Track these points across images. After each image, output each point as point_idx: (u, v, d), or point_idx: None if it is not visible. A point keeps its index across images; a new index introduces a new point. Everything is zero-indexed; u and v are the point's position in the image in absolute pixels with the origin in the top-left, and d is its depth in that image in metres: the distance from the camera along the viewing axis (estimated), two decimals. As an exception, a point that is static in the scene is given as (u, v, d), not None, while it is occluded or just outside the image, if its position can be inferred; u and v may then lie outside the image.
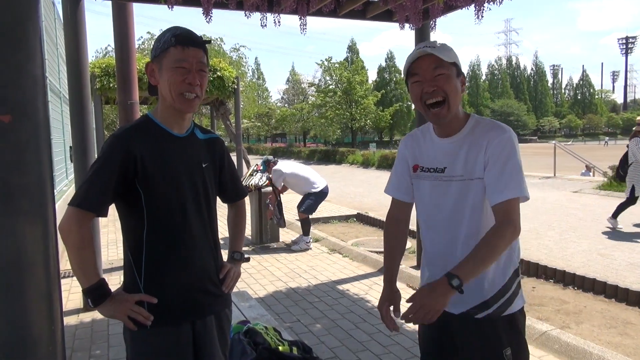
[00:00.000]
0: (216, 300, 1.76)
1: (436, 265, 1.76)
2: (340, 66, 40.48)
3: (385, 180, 2.07)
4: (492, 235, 1.56)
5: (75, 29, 4.15)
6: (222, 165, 1.83)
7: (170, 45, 1.57)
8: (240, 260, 1.94)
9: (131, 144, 1.57)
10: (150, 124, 1.66)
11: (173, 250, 1.64)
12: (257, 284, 5.17)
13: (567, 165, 17.82)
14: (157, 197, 1.60)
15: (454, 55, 1.65)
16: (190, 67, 1.58)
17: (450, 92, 1.61)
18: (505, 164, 1.59)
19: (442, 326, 1.70)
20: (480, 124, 1.69)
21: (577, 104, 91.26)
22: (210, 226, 1.75)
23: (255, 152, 42.86)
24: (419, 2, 4.33)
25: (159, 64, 1.61)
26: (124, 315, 1.57)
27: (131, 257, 1.64)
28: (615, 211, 7.85)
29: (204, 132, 1.80)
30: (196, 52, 1.60)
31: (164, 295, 1.62)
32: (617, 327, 3.96)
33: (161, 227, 1.62)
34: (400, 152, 1.88)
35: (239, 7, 4.32)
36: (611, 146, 45.58)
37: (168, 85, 1.59)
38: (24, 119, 0.97)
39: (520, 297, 1.70)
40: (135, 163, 1.56)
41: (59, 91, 8.87)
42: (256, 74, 66.25)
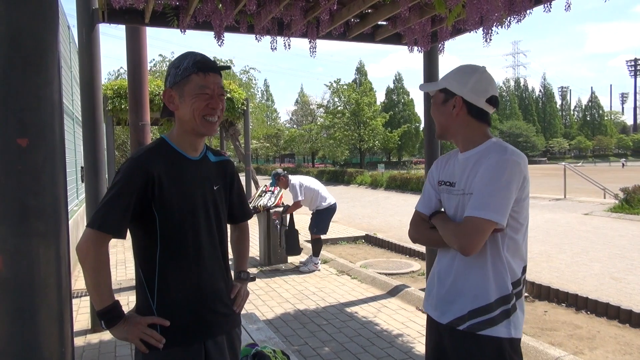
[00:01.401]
0: (227, 320, 1.77)
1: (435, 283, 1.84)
2: (349, 88, 40.81)
3: (394, 201, 2.14)
4: (449, 227, 1.71)
5: (90, 53, 4.24)
6: (231, 186, 1.87)
7: (192, 73, 1.61)
8: (247, 279, 1.96)
9: (150, 166, 1.59)
10: (166, 146, 1.69)
11: (186, 271, 1.65)
12: (265, 305, 5.13)
13: (578, 187, 17.69)
14: (171, 219, 1.62)
15: (444, 82, 1.81)
16: (212, 92, 1.64)
17: (435, 117, 1.85)
18: (488, 183, 1.62)
19: (437, 337, 1.81)
20: (494, 145, 1.74)
21: (586, 126, 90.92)
22: (221, 247, 1.78)
23: (264, 172, 42.99)
24: (428, 25, 4.38)
25: (180, 90, 1.64)
26: (136, 338, 1.57)
27: (143, 278, 1.65)
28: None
29: (215, 155, 1.84)
30: (215, 77, 1.66)
31: (176, 316, 1.63)
32: (633, 353, 3.87)
33: (174, 248, 1.64)
34: (430, 171, 1.98)
35: (250, 31, 4.39)
36: (624, 168, 45.20)
37: (192, 111, 1.62)
38: (41, 142, 0.99)
39: (506, 326, 1.66)
40: (154, 185, 1.59)
41: (72, 113, 9.01)
42: (265, 96, 66.98)
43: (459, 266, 1.72)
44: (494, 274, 1.67)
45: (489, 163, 1.65)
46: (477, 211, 1.60)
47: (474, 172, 1.69)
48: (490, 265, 1.67)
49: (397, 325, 4.46)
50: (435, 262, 1.89)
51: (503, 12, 3.46)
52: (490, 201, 1.59)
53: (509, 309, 1.67)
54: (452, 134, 1.82)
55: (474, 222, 1.60)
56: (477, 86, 1.74)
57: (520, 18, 3.47)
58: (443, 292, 1.77)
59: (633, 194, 12.17)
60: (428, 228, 1.83)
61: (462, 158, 1.79)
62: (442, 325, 1.76)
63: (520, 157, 1.67)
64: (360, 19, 4.69)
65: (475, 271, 1.68)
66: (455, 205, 1.75)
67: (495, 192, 1.60)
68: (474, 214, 1.61)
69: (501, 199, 1.60)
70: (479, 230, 1.59)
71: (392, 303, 5.14)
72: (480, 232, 1.60)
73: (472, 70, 1.77)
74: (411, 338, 4.15)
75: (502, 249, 1.67)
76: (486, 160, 1.67)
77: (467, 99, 1.74)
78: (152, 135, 12.55)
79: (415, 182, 20.28)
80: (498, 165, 1.63)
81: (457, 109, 1.75)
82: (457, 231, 1.65)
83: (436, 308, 1.80)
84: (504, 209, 1.60)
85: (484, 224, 1.59)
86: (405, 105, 60.49)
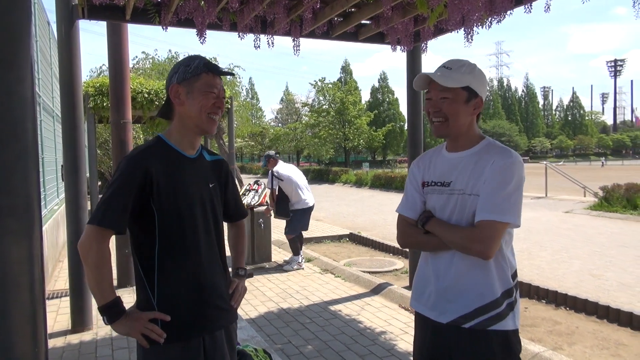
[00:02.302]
0: (225, 315, 1.80)
1: (430, 282, 1.80)
2: (334, 86, 40.85)
3: (379, 199, 2.11)
4: (460, 232, 1.66)
5: (69, 49, 4.18)
6: (225, 184, 1.92)
7: (203, 72, 1.69)
8: (244, 275, 2.00)
9: (148, 163, 1.63)
10: (164, 145, 1.73)
11: (184, 267, 1.69)
12: (248, 304, 5.12)
13: (559, 185, 17.97)
14: (170, 216, 1.66)
15: (468, 79, 1.72)
16: (218, 93, 1.73)
17: (450, 114, 1.72)
18: (499, 187, 1.63)
19: (434, 338, 1.77)
20: (492, 146, 1.75)
21: (567, 125, 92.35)
22: (219, 243, 1.82)
23: (248, 171, 42.88)
24: (410, 25, 4.41)
25: (189, 87, 1.69)
26: (138, 332, 1.60)
27: (143, 274, 1.67)
28: None
29: (210, 154, 1.90)
30: (221, 81, 1.75)
31: (176, 311, 1.66)
32: (610, 348, 3.95)
33: (173, 244, 1.67)
34: (411, 173, 1.93)
35: (233, 29, 4.37)
36: (604, 167, 46.05)
37: (199, 108, 1.69)
38: (13, 140, 0.97)
39: (512, 319, 1.70)
40: (152, 182, 1.62)
41: (52, 110, 8.87)
42: (250, 94, 66.69)
43: (460, 265, 1.70)
44: (497, 270, 1.69)
45: (499, 165, 1.65)
46: (494, 215, 1.60)
47: (477, 173, 1.68)
48: (493, 261, 1.67)
49: (380, 323, 4.49)
50: (426, 262, 1.84)
51: (484, 13, 3.50)
52: (506, 204, 1.61)
53: (513, 302, 1.71)
54: (461, 134, 1.77)
55: (493, 226, 1.60)
56: (486, 87, 1.79)
57: (501, 18, 3.52)
58: (442, 291, 1.74)
59: (612, 192, 12.40)
60: (421, 233, 1.79)
61: (456, 157, 1.78)
62: (441, 324, 1.73)
63: (520, 159, 1.71)
64: (343, 18, 4.70)
65: (478, 269, 1.68)
66: (452, 206, 1.72)
67: (509, 195, 1.62)
68: (491, 218, 1.60)
69: (515, 201, 1.63)
70: (499, 233, 1.62)
71: (376, 301, 5.17)
72: (499, 235, 1.62)
73: (483, 72, 1.79)
74: (394, 335, 4.18)
75: (502, 244, 1.68)
76: (491, 161, 1.67)
77: (483, 100, 1.78)
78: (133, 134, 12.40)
79: (400, 180, 20.40)
80: (509, 168, 1.65)
81: (477, 110, 1.76)
82: (474, 236, 1.62)
83: (433, 308, 1.76)
84: (519, 210, 1.64)
85: (503, 227, 1.62)
86: (390, 104, 60.82)
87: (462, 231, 1.67)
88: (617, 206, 11.86)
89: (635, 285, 5.69)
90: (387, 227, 10.32)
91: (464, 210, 1.69)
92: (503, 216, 1.61)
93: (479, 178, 1.67)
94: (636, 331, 4.28)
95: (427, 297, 1.80)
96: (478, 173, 1.68)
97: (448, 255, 1.73)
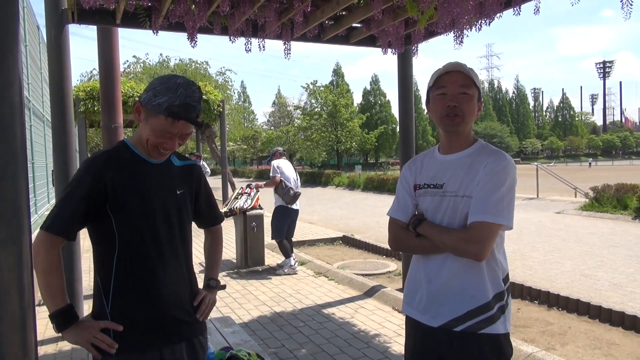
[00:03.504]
0: (187, 328, 1.73)
1: (421, 286, 1.79)
2: (326, 89, 40.92)
3: (371, 202, 2.10)
4: (453, 234, 1.66)
5: (59, 53, 4.15)
6: (198, 191, 1.83)
7: (162, 115, 1.56)
8: (216, 287, 1.92)
9: (103, 169, 1.58)
10: (126, 150, 1.67)
11: (143, 276, 1.63)
12: (241, 308, 5.10)
13: (550, 186, 18.08)
14: (128, 224, 1.60)
15: (477, 81, 1.76)
16: (173, 136, 1.60)
17: (467, 112, 1.72)
18: (492, 189, 1.63)
19: (425, 341, 1.76)
20: (485, 148, 1.76)
21: (558, 126, 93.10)
22: (184, 253, 1.75)
23: (241, 174, 42.76)
24: (401, 28, 4.42)
25: (146, 114, 1.60)
26: (87, 342, 1.55)
27: (100, 282, 1.63)
28: None
29: (180, 159, 1.81)
30: (185, 124, 1.60)
31: (130, 322, 1.60)
32: (602, 347, 3.98)
33: (132, 253, 1.62)
34: (403, 176, 1.92)
35: (224, 32, 4.37)
36: (594, 167, 46.42)
37: (146, 139, 1.62)
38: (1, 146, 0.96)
39: (503, 322, 1.69)
40: (106, 189, 1.57)
41: (42, 115, 8.81)
42: (242, 97, 66.60)
43: (452, 267, 1.69)
44: (489, 272, 1.69)
45: (492, 168, 1.66)
46: (488, 216, 1.61)
47: (470, 175, 1.68)
48: (485, 263, 1.67)
49: (374, 326, 4.49)
50: (417, 266, 1.83)
51: (473, 15, 3.52)
52: (500, 206, 1.62)
53: (504, 305, 1.70)
54: (465, 133, 1.77)
55: (487, 227, 1.61)
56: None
57: (490, 21, 3.54)
58: (433, 294, 1.73)
59: (602, 192, 12.50)
60: (413, 236, 1.78)
61: (449, 159, 1.78)
62: (432, 328, 1.72)
63: (513, 162, 1.73)
64: (334, 21, 4.71)
65: (470, 271, 1.67)
66: (445, 208, 1.72)
67: (503, 197, 1.63)
68: (485, 219, 1.61)
69: (509, 203, 1.64)
70: (493, 235, 1.62)
71: (369, 304, 5.17)
72: (493, 236, 1.63)
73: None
74: (388, 338, 4.18)
75: (494, 247, 1.68)
76: (484, 164, 1.68)
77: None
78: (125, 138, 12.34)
79: (392, 183, 20.43)
80: (502, 170, 1.66)
81: (479, 112, 1.78)
82: (468, 237, 1.62)
83: (424, 311, 1.76)
84: (512, 212, 1.65)
85: (496, 229, 1.63)
86: (382, 107, 60.99)
87: (455, 233, 1.67)
88: (607, 206, 11.96)
89: (627, 285, 5.74)
90: (380, 230, 10.33)
91: (456, 212, 1.69)
92: (497, 218, 1.61)
93: (472, 180, 1.68)
94: (628, 331, 4.32)
95: (418, 300, 1.80)
96: (471, 175, 1.69)
97: (440, 258, 1.72)
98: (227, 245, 8.68)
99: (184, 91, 1.57)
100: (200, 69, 26.23)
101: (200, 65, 26.50)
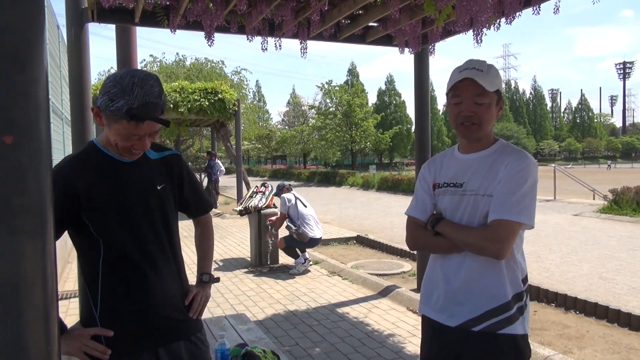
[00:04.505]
0: (181, 326, 1.70)
1: (439, 285, 1.77)
2: (341, 89, 40.86)
3: (385, 202, 2.09)
4: (473, 232, 1.65)
5: (78, 52, 4.21)
6: (181, 181, 1.75)
7: (123, 118, 1.45)
8: (209, 282, 1.87)
9: (71, 176, 1.52)
10: (95, 151, 1.60)
11: (130, 278, 1.58)
12: (255, 306, 5.12)
13: (567, 188, 17.84)
14: (108, 227, 1.55)
15: (499, 82, 1.71)
16: (141, 137, 1.51)
17: (485, 120, 1.70)
18: (514, 188, 1.62)
19: (442, 341, 1.75)
20: (507, 147, 1.75)
21: (576, 128, 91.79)
22: (172, 250, 1.69)
23: (255, 173, 42.94)
24: (418, 27, 4.40)
25: (107, 121, 1.50)
26: (79, 351, 1.52)
27: (87, 287, 1.60)
28: None
29: (158, 150, 1.72)
30: (150, 124, 1.49)
31: (120, 325, 1.57)
32: (620, 352, 3.91)
33: (117, 255, 1.57)
34: (422, 175, 1.91)
35: (241, 31, 4.39)
36: (612, 170, 45.67)
37: (114, 142, 1.53)
38: (27, 140, 0.98)
39: (521, 323, 1.68)
40: (78, 196, 1.51)
41: (61, 113, 8.94)
42: (257, 97, 66.90)
43: (471, 267, 1.68)
44: (508, 272, 1.67)
45: (514, 167, 1.64)
46: (509, 215, 1.59)
47: (491, 174, 1.67)
48: (504, 263, 1.66)
49: (387, 326, 4.47)
50: (435, 265, 1.82)
51: (492, 14, 3.49)
52: (521, 205, 1.60)
53: (523, 306, 1.69)
54: (486, 135, 1.75)
55: (508, 226, 1.59)
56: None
57: (511, 20, 3.50)
58: (451, 294, 1.72)
59: (622, 195, 12.29)
60: (431, 235, 1.77)
61: (470, 158, 1.76)
62: (449, 328, 1.72)
63: (534, 162, 1.71)
64: (351, 20, 4.70)
65: (489, 271, 1.66)
66: (464, 207, 1.71)
67: (524, 196, 1.61)
68: (507, 218, 1.59)
69: (530, 202, 1.63)
70: (513, 233, 1.61)
71: (383, 303, 5.15)
72: (514, 235, 1.62)
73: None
74: (402, 338, 4.16)
75: (513, 247, 1.67)
76: (505, 163, 1.66)
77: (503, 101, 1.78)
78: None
79: (407, 183, 20.35)
80: (524, 169, 1.64)
81: (500, 112, 1.75)
82: (488, 235, 1.61)
83: (442, 311, 1.75)
84: (533, 211, 1.64)
85: (517, 227, 1.61)
86: (397, 107, 60.73)
87: (475, 231, 1.66)
88: (627, 209, 11.75)
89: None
90: (395, 230, 10.29)
91: (476, 211, 1.68)
92: (518, 216, 1.60)
93: (493, 179, 1.66)
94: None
95: (435, 300, 1.79)
96: (492, 174, 1.67)
97: (458, 257, 1.71)
98: (242, 242, 8.73)
99: (140, 90, 1.44)
100: (216, 68, 26.40)
101: (215, 64, 26.67)
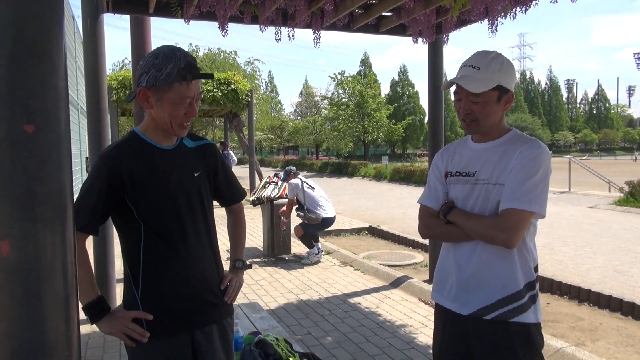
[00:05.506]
0: (216, 310, 1.76)
1: (451, 274, 1.78)
2: (353, 80, 40.66)
3: (398, 193, 2.10)
4: (484, 221, 1.65)
5: (94, 43, 4.25)
6: (215, 170, 1.82)
7: (175, 81, 1.55)
8: (242, 268, 1.93)
9: (116, 162, 1.59)
10: (137, 139, 1.67)
11: (170, 261, 1.65)
12: (268, 295, 5.17)
13: (582, 180, 17.62)
14: (150, 212, 1.62)
15: (500, 77, 1.67)
16: (191, 100, 1.60)
17: (483, 116, 1.70)
18: (526, 176, 1.61)
19: (454, 329, 1.76)
20: (519, 136, 1.74)
21: (592, 119, 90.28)
22: (208, 235, 1.75)
23: (267, 164, 43.06)
24: (432, 16, 4.36)
25: (159, 95, 1.58)
26: (120, 332, 1.60)
27: (129, 270, 1.66)
28: None
29: (194, 140, 1.80)
30: (197, 83, 1.61)
31: (160, 307, 1.64)
32: (635, 345, 3.88)
33: (158, 239, 1.64)
34: (434, 164, 1.92)
35: (254, 22, 4.39)
36: (629, 161, 44.94)
37: (169, 118, 1.60)
38: (47, 129, 1.00)
39: (533, 312, 1.69)
40: (123, 181, 1.58)
41: (76, 103, 9.04)
42: (269, 87, 66.83)
43: (483, 256, 1.68)
44: (520, 261, 1.68)
45: (526, 155, 1.64)
46: (520, 203, 1.59)
47: (503, 163, 1.67)
48: (516, 252, 1.66)
49: (399, 316, 4.49)
50: (447, 254, 1.83)
51: (508, 3, 3.45)
52: (532, 193, 1.60)
53: (535, 295, 1.70)
54: (492, 129, 1.74)
55: (519, 214, 1.59)
56: (515, 78, 1.77)
57: (527, 8, 3.45)
58: (463, 283, 1.73)
59: (638, 187, 12.11)
60: (443, 224, 1.77)
61: (482, 147, 1.76)
62: (462, 316, 1.73)
63: (547, 150, 1.69)
64: (364, 10, 4.67)
65: (501, 260, 1.66)
66: (476, 195, 1.71)
67: (536, 185, 1.61)
68: (517, 206, 1.59)
69: (542, 191, 1.62)
70: (524, 222, 1.61)
71: (395, 294, 5.17)
72: (524, 224, 1.61)
73: (511, 62, 1.75)
74: (413, 328, 4.18)
75: (526, 235, 1.67)
76: (518, 151, 1.66)
77: (514, 93, 1.76)
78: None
79: (420, 174, 20.26)
80: (536, 157, 1.64)
81: (508, 105, 1.73)
82: (499, 224, 1.61)
83: (455, 300, 1.76)
84: (545, 200, 1.63)
85: (528, 216, 1.61)
86: (410, 98, 60.22)
87: (486, 220, 1.66)
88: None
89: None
90: (407, 221, 10.28)
91: (488, 200, 1.68)
92: (529, 205, 1.59)
93: (505, 168, 1.66)
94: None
95: (448, 289, 1.79)
96: (504, 163, 1.67)
97: (470, 245, 1.72)
98: (254, 232, 8.78)
99: (180, 52, 1.58)
100: (228, 58, 26.41)
101: (228, 55, 26.67)
